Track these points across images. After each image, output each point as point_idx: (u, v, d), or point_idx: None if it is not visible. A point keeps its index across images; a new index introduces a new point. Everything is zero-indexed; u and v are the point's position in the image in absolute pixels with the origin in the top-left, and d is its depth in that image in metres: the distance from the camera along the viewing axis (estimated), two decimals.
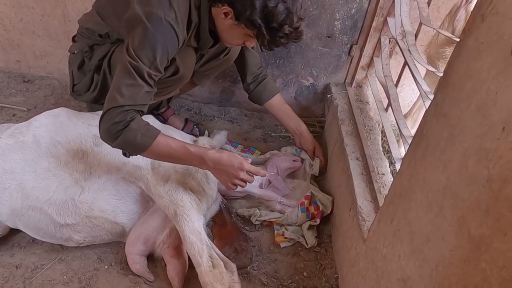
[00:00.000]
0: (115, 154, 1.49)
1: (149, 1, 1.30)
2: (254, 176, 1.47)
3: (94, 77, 1.61)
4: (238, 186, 1.46)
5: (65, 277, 1.46)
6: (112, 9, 1.49)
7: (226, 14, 1.38)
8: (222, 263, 1.39)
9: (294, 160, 1.90)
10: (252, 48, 1.81)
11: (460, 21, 1.69)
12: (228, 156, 1.41)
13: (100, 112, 1.32)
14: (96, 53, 1.59)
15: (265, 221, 1.72)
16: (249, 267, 1.55)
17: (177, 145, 1.38)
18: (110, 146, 1.34)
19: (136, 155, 1.38)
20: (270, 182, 1.83)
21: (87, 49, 1.60)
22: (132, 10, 1.32)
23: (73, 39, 1.68)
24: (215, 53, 1.70)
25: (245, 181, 1.44)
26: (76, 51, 1.63)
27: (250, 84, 1.90)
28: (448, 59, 1.86)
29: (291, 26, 1.36)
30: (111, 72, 1.56)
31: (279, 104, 1.93)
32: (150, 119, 1.67)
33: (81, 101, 1.70)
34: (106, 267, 1.51)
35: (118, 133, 1.29)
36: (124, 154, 1.38)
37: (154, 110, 1.97)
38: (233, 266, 1.42)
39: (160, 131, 1.36)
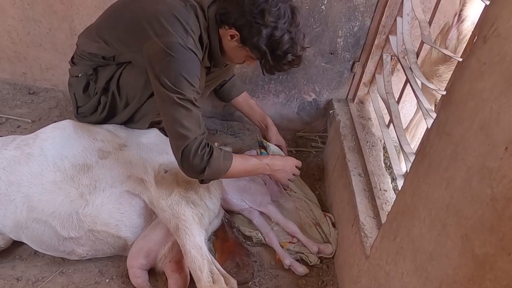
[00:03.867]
0: (119, 167, 1.49)
1: (167, 32, 1.34)
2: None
3: (101, 99, 1.61)
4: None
5: None
6: (117, 35, 1.49)
7: (232, 36, 1.43)
8: (222, 278, 1.38)
9: None
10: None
11: (453, 40, 1.68)
12: (282, 158, 1.66)
13: (106, 126, 1.32)
14: (102, 75, 1.59)
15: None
16: (250, 283, 1.54)
17: (249, 159, 1.55)
18: (114, 159, 1.34)
19: (215, 180, 1.49)
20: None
21: (91, 72, 1.60)
22: (152, 44, 1.34)
23: (72, 61, 1.67)
24: None
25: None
26: (80, 75, 1.62)
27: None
28: (441, 77, 1.87)
29: (294, 55, 1.44)
30: (120, 94, 1.57)
31: (246, 99, 1.99)
32: (154, 132, 1.68)
33: (87, 122, 1.69)
34: (107, 280, 1.50)
35: (203, 164, 1.37)
36: (202, 181, 1.45)
37: (156, 124, 1.98)
38: (234, 281, 1.41)
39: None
